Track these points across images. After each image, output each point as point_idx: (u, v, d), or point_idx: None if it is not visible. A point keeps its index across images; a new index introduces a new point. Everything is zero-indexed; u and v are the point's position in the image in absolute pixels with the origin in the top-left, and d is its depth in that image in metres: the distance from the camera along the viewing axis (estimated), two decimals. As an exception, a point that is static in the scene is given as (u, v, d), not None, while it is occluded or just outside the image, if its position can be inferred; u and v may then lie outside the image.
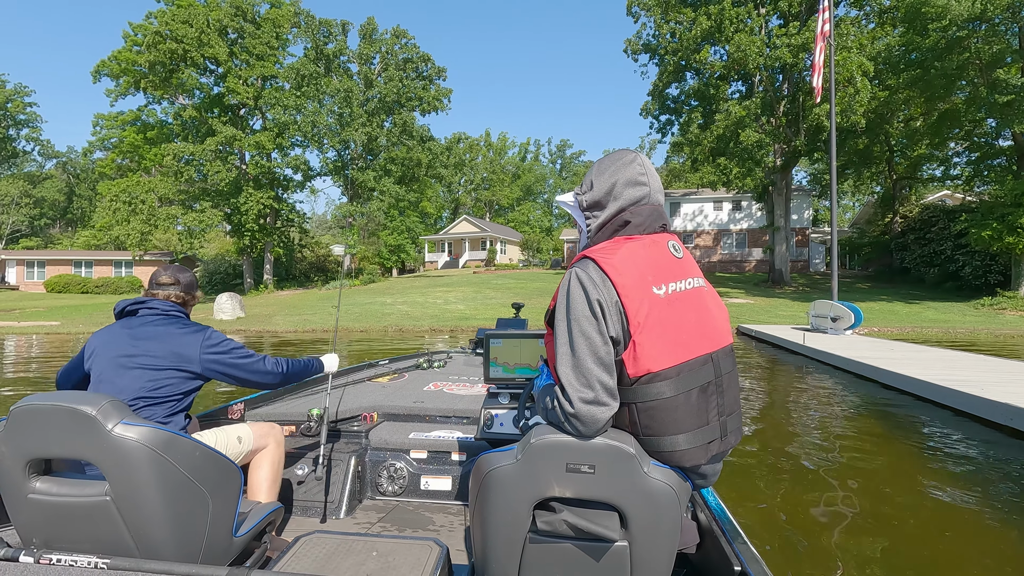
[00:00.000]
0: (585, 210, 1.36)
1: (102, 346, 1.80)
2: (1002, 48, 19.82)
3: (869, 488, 3.58)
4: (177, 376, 1.78)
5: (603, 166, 1.35)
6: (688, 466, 1.19)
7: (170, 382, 1.76)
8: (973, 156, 24.41)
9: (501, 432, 2.09)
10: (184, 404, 1.82)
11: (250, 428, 2.06)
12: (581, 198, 1.37)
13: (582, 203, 1.36)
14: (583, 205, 1.36)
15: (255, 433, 2.06)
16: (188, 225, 29.43)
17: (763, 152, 24.14)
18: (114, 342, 1.79)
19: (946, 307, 20.10)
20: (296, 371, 2.11)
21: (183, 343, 1.80)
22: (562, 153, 73.51)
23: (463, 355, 4.44)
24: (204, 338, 1.84)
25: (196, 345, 1.81)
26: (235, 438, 1.96)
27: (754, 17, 23.64)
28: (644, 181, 1.31)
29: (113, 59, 30.52)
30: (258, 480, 2.02)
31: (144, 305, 1.88)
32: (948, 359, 8.18)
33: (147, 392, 1.72)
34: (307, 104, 30.48)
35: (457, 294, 24.94)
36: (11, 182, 51.47)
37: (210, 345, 1.84)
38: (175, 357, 1.78)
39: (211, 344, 1.84)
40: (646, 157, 1.36)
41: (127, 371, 1.73)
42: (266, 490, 2.02)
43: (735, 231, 37.34)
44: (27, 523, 1.36)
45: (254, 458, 2.06)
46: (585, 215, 1.36)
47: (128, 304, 1.88)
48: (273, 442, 2.11)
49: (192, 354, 1.80)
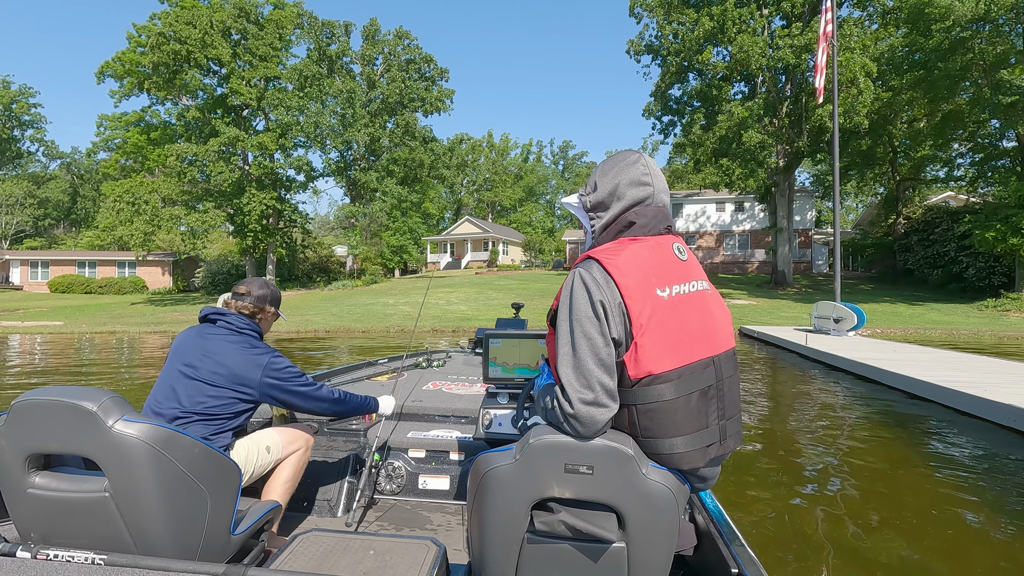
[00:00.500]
0: (589, 211, 1.36)
1: (176, 350, 1.83)
2: (1006, 49, 19.75)
3: (870, 490, 3.56)
4: (233, 397, 1.79)
5: (606, 167, 1.35)
6: (686, 469, 1.19)
7: (225, 401, 1.77)
8: (977, 157, 24.32)
9: (500, 432, 2.08)
10: (234, 424, 1.81)
11: (279, 435, 2.04)
12: (585, 199, 1.37)
13: (586, 204, 1.36)
14: (587, 206, 1.36)
15: (284, 440, 2.03)
16: (191, 226, 29.51)
17: (766, 153, 24.09)
18: (187, 348, 1.82)
19: (949, 309, 20.02)
20: (352, 407, 2.12)
21: (246, 365, 1.81)
22: (564, 154, 73.54)
23: (462, 355, 4.43)
24: (267, 363, 1.85)
25: (258, 369, 1.82)
26: (264, 448, 1.95)
27: (757, 18, 23.60)
28: (648, 181, 1.31)
29: (117, 60, 30.64)
30: (277, 482, 2.00)
31: (223, 317, 1.91)
32: (951, 360, 8.14)
33: (200, 408, 1.73)
34: (310, 105, 30.54)
35: (459, 295, 24.95)
36: (16, 183, 51.72)
37: (272, 371, 1.85)
38: (235, 378, 1.79)
39: (273, 370, 1.85)
40: (650, 158, 1.36)
41: (187, 381, 1.76)
42: (282, 493, 2.00)
43: (738, 232, 37.26)
44: (26, 518, 1.36)
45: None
46: (589, 216, 1.36)
47: (211, 312, 1.92)
48: (301, 448, 2.09)
49: (253, 377, 1.81)
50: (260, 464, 1.92)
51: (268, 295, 2.06)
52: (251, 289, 2.02)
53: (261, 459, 1.92)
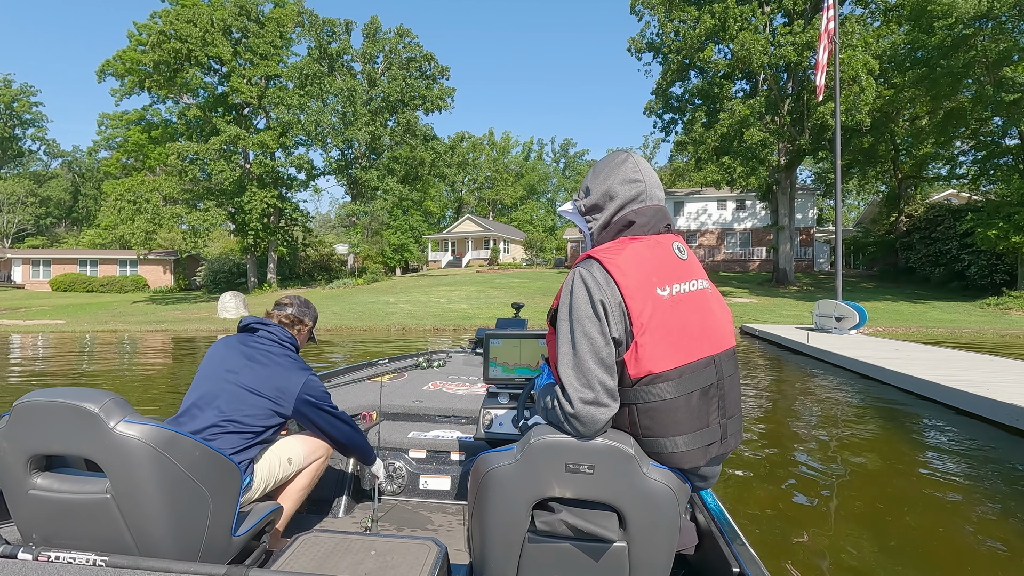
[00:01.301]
0: (585, 214, 1.37)
1: (217, 356, 1.83)
2: (1009, 46, 19.66)
3: (871, 489, 3.56)
4: (270, 408, 1.78)
5: (597, 170, 1.36)
6: (687, 468, 1.19)
7: (262, 411, 1.76)
8: (979, 155, 24.24)
9: (500, 432, 2.08)
10: (262, 439, 1.79)
11: (302, 445, 2.02)
12: (580, 204, 1.38)
13: (581, 208, 1.37)
14: (582, 210, 1.37)
15: (306, 450, 2.02)
16: (192, 224, 29.56)
17: (767, 151, 24.05)
18: (228, 354, 1.82)
19: (951, 307, 19.98)
20: (365, 445, 2.13)
21: (287, 378, 1.82)
22: (565, 152, 73.45)
23: (463, 355, 4.43)
24: (307, 379, 1.86)
25: (297, 384, 1.83)
26: (285, 460, 1.93)
27: (758, 15, 23.54)
28: (638, 178, 1.31)
29: (118, 59, 30.67)
30: (294, 489, 1.99)
31: (265, 327, 1.93)
32: (953, 359, 8.12)
33: (239, 415, 1.71)
34: (311, 103, 30.55)
35: (460, 293, 24.95)
36: (17, 181, 51.77)
37: (310, 387, 1.86)
38: (275, 389, 1.79)
39: (311, 387, 1.86)
40: (640, 156, 1.36)
41: (229, 387, 1.75)
42: (297, 500, 2.00)
43: (739, 230, 37.22)
44: (27, 519, 1.36)
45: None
46: (586, 219, 1.37)
47: (252, 321, 1.94)
48: (322, 457, 2.08)
49: (292, 390, 1.81)
50: (281, 476, 1.90)
51: (308, 312, 2.14)
52: (293, 301, 2.10)
53: (282, 471, 1.90)
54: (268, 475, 1.83)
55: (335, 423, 1.96)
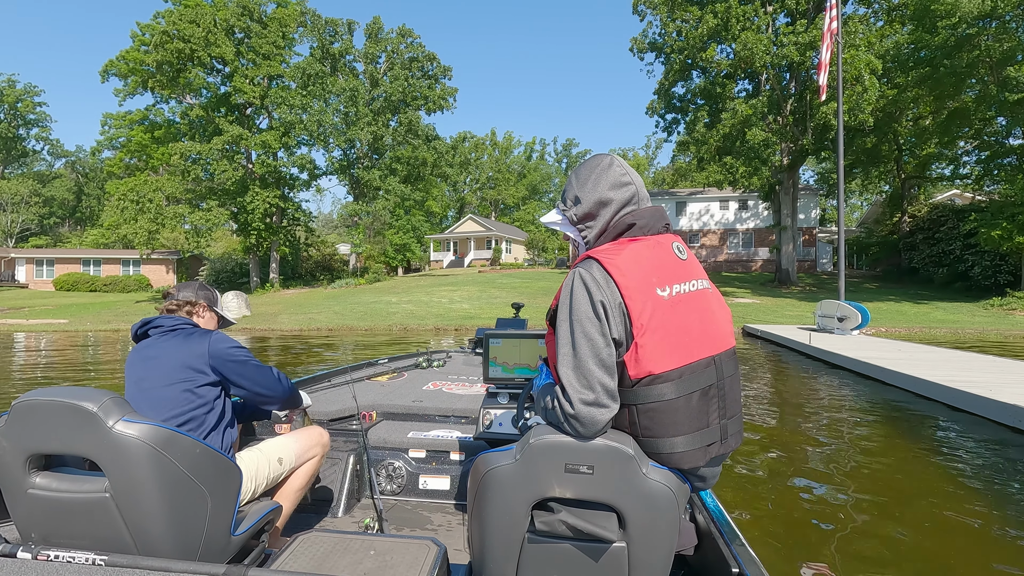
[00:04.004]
0: (577, 224, 1.35)
1: (127, 373, 1.78)
2: (1013, 46, 19.58)
3: (873, 490, 3.55)
4: (192, 388, 1.69)
5: (583, 177, 1.33)
6: (687, 468, 1.18)
7: (188, 395, 1.68)
8: (983, 155, 24.17)
9: (500, 432, 2.08)
10: (217, 416, 1.72)
11: (295, 443, 1.97)
12: (570, 213, 1.35)
13: (572, 218, 1.35)
14: (574, 220, 1.34)
15: (300, 448, 1.98)
16: (195, 224, 29.64)
17: (770, 151, 23.99)
18: (133, 366, 1.76)
19: (955, 307, 19.91)
20: (292, 390, 2.00)
21: (188, 349, 1.73)
22: (568, 152, 73.39)
23: (462, 354, 4.43)
24: (211, 339, 1.77)
25: (203, 344, 1.74)
26: (275, 459, 1.88)
27: (761, 15, 23.49)
28: (628, 180, 1.31)
29: (121, 59, 30.77)
30: (290, 489, 1.96)
31: (151, 325, 1.83)
32: (956, 360, 8.10)
33: (175, 413, 1.65)
34: (313, 103, 30.57)
35: (462, 293, 24.95)
36: (21, 181, 52.00)
37: (217, 341, 1.77)
38: (182, 367, 1.70)
39: (218, 340, 1.78)
40: (620, 157, 1.35)
41: (147, 393, 1.69)
42: (294, 500, 1.97)
43: (741, 230, 37.15)
44: (26, 518, 1.36)
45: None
46: (578, 228, 1.35)
47: (139, 327, 1.83)
48: (318, 455, 2.04)
49: (200, 351, 1.72)
50: (271, 476, 1.86)
51: (201, 292, 2.00)
52: (179, 287, 1.98)
53: (272, 471, 1.86)
54: (256, 475, 1.80)
55: (261, 369, 1.85)
